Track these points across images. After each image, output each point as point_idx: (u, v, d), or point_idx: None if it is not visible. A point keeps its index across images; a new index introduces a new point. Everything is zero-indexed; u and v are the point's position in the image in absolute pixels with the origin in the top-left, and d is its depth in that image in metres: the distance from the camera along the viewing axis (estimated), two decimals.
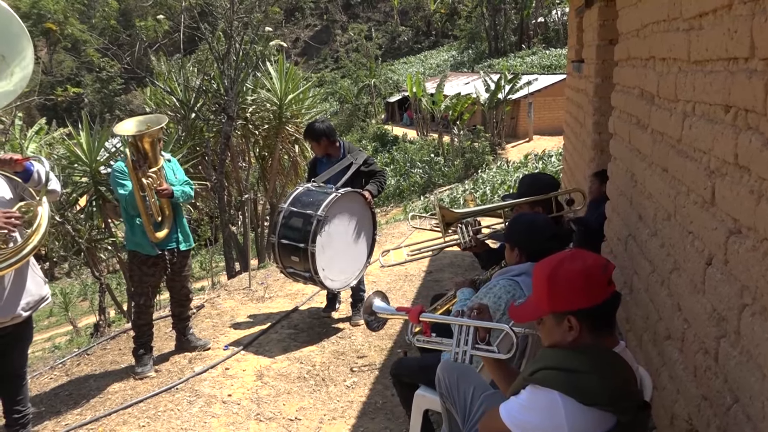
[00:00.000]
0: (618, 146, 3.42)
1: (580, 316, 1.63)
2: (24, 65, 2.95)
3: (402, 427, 3.35)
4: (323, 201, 4.34)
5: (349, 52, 48.97)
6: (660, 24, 2.47)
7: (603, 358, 1.63)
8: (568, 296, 1.64)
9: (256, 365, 4.28)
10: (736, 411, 1.66)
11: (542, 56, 37.77)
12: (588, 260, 1.68)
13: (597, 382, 1.56)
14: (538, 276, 1.73)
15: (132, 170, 3.85)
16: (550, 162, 18.20)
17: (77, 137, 8.17)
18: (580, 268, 1.65)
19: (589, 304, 1.63)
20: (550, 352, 1.70)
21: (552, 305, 1.67)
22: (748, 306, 1.60)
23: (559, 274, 1.66)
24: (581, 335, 1.64)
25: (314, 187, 4.59)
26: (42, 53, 49.08)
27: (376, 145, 27.65)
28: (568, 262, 1.68)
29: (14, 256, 2.88)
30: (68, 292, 14.73)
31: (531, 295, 1.80)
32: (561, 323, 1.66)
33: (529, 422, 1.63)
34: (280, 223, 4.45)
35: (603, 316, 1.68)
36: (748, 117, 1.59)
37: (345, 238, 4.57)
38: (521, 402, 1.66)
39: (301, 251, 4.33)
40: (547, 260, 1.76)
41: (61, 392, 4.07)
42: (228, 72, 9.36)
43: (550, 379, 1.60)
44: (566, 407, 1.55)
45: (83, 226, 8.11)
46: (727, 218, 1.73)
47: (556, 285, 1.66)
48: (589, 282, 1.64)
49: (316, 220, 4.26)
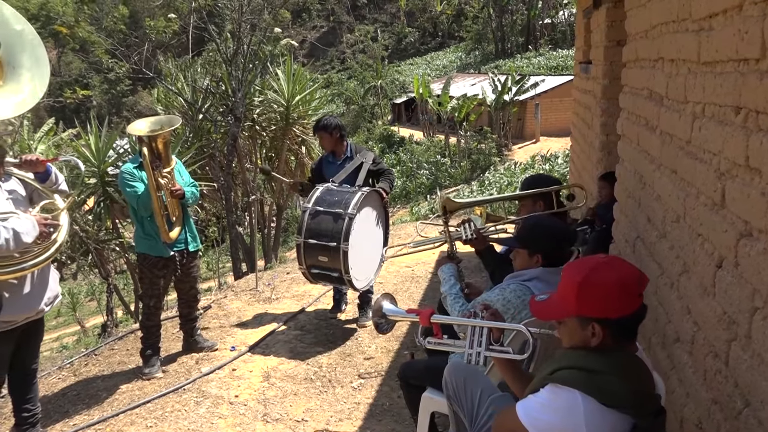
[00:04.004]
0: (626, 148, 3.41)
1: (606, 324, 1.61)
2: (42, 73, 2.99)
3: (409, 429, 3.34)
4: (351, 200, 4.30)
5: (355, 53, 49.10)
6: (669, 25, 2.46)
7: (625, 360, 1.62)
8: (599, 304, 1.61)
9: (263, 366, 4.29)
10: (747, 415, 1.64)
11: (549, 57, 37.67)
12: (624, 270, 1.65)
13: (618, 383, 1.55)
14: (569, 277, 1.69)
15: (150, 170, 3.87)
16: (556, 163, 18.14)
17: (85, 138, 8.21)
18: (616, 278, 1.61)
19: (617, 315, 1.61)
20: (571, 352, 1.69)
21: (580, 309, 1.64)
22: (759, 309, 1.58)
23: (593, 281, 1.62)
24: (603, 341, 1.63)
25: (335, 186, 4.58)
26: (51, 55, 49.40)
27: (383, 146, 27.67)
28: (604, 269, 1.64)
29: (44, 252, 3.03)
30: (76, 293, 14.81)
31: (556, 294, 1.75)
32: (585, 328, 1.64)
33: (547, 422, 1.61)
34: (306, 222, 4.37)
35: (629, 327, 1.66)
36: (759, 118, 1.57)
37: (367, 237, 4.55)
38: (541, 401, 1.64)
39: (331, 250, 4.27)
40: (580, 262, 1.73)
41: (69, 392, 4.09)
42: (236, 73, 9.38)
43: (571, 378, 1.58)
44: (586, 407, 1.54)
45: (91, 227, 8.14)
46: (738, 221, 1.72)
47: (589, 290, 1.62)
48: (623, 293, 1.61)
49: (348, 217, 4.22)
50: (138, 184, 3.92)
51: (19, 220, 2.88)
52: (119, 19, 45.26)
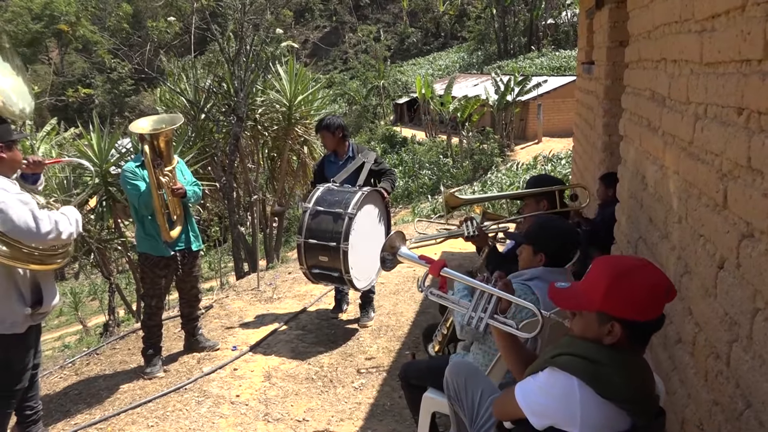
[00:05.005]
0: (628, 148, 3.40)
1: (626, 325, 1.60)
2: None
3: (410, 429, 3.34)
4: (351, 199, 4.30)
5: (358, 53, 49.11)
6: (672, 26, 2.45)
7: (630, 359, 1.62)
8: (626, 305, 1.60)
9: (265, 366, 4.29)
10: (749, 416, 1.64)
11: (552, 58, 37.65)
12: (655, 277, 1.64)
13: (618, 377, 1.55)
14: (600, 271, 1.68)
15: (151, 168, 3.87)
16: (559, 164, 18.15)
17: (87, 138, 8.22)
18: (649, 283, 1.61)
19: (640, 319, 1.60)
20: (578, 341, 1.68)
21: (604, 305, 1.62)
22: (760, 310, 1.58)
23: (627, 281, 1.61)
24: (619, 341, 1.62)
25: (336, 186, 4.58)
26: (53, 54, 49.51)
27: (385, 146, 27.67)
28: (639, 272, 1.63)
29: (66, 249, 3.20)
30: (78, 292, 14.82)
31: (580, 284, 1.74)
32: (603, 324, 1.63)
33: (542, 404, 1.62)
34: (306, 222, 4.38)
35: (646, 333, 1.66)
36: (762, 119, 1.57)
37: (368, 236, 4.54)
38: (539, 383, 1.65)
39: (331, 250, 4.27)
40: (616, 260, 1.73)
41: (71, 391, 4.09)
42: (238, 73, 9.38)
43: (571, 365, 1.59)
44: (582, 395, 1.55)
45: (93, 227, 8.15)
46: (740, 222, 1.71)
47: (619, 290, 1.61)
48: (651, 300, 1.60)
49: (348, 217, 4.22)
50: (140, 182, 3.92)
51: (71, 209, 3.12)
52: (122, 18, 45.32)
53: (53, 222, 2.92)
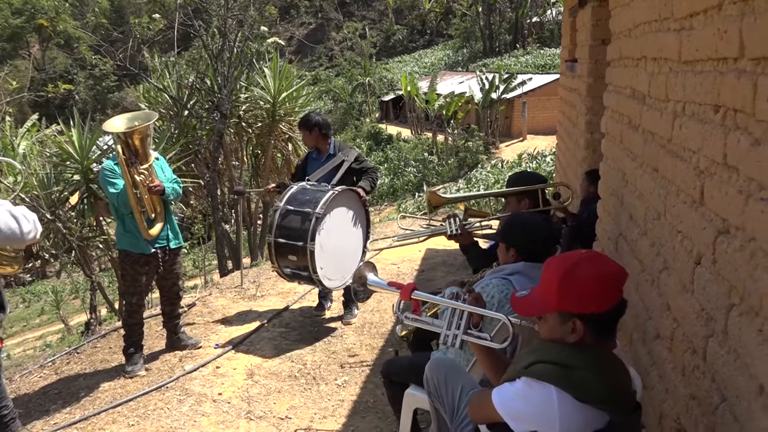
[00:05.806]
0: (610, 146, 3.43)
1: (587, 320, 1.62)
2: None
3: (392, 426, 3.35)
4: (321, 198, 4.30)
5: (343, 50, 48.92)
6: (651, 24, 2.47)
7: (601, 357, 1.63)
8: (580, 300, 1.62)
9: (247, 364, 4.27)
10: (724, 410, 1.66)
11: (537, 56, 37.78)
12: (605, 266, 1.65)
13: (593, 379, 1.56)
14: (550, 272, 1.70)
15: (125, 167, 3.83)
16: (544, 161, 18.22)
17: (69, 134, 8.11)
18: (597, 273, 1.62)
19: (597, 310, 1.61)
20: (548, 344, 1.69)
21: (560, 305, 1.64)
22: (735, 306, 1.60)
23: (574, 276, 1.63)
24: (583, 338, 1.63)
25: (309, 185, 4.56)
26: (34, 50, 48.77)
27: (370, 143, 27.62)
28: (586, 265, 1.64)
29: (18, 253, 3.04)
30: (60, 290, 14.64)
31: (537, 289, 1.76)
32: (565, 324, 1.64)
33: (521, 410, 1.63)
34: (277, 221, 4.39)
35: (608, 322, 1.67)
36: (737, 117, 1.59)
37: (341, 236, 4.54)
38: (516, 390, 1.66)
39: (299, 250, 4.29)
40: (562, 258, 1.73)
41: (50, 391, 4.05)
42: (222, 70, 9.31)
43: (546, 373, 1.60)
44: (560, 402, 1.55)
45: (75, 224, 8.05)
46: (716, 218, 1.73)
47: (570, 286, 1.63)
48: (604, 289, 1.62)
49: (315, 217, 4.23)
50: (118, 180, 3.88)
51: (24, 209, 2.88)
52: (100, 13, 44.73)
53: (32, 221, 2.79)
